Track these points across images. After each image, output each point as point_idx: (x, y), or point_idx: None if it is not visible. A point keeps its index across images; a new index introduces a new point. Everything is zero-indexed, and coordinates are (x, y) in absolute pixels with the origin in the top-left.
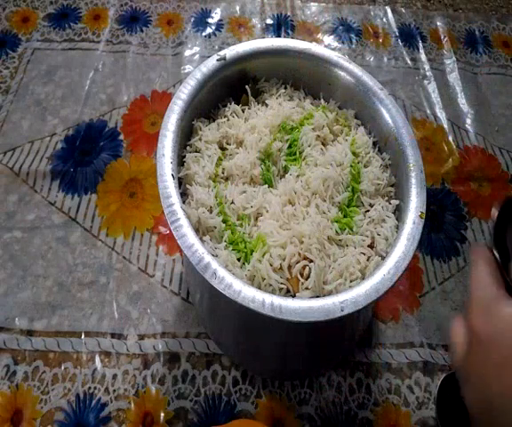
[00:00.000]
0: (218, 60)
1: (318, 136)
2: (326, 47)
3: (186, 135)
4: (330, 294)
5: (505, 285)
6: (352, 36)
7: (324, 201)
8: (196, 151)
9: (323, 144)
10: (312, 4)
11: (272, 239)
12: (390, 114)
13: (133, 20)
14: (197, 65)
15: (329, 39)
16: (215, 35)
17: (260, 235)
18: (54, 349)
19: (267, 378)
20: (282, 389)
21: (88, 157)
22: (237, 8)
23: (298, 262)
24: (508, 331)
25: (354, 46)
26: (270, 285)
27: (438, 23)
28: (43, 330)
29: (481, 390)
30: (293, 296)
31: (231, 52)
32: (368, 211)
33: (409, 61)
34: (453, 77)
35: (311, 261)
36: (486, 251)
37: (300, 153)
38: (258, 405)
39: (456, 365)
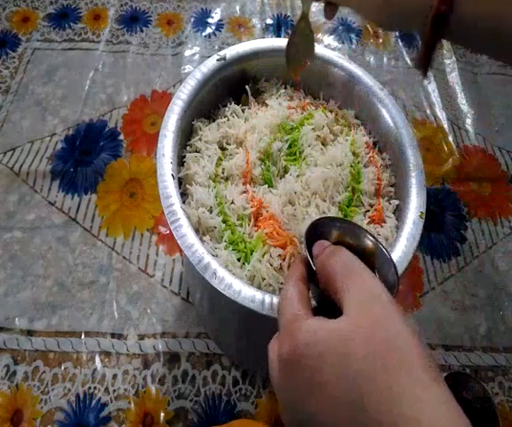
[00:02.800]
0: (218, 60)
1: (318, 136)
2: (326, 47)
3: (186, 135)
4: None
5: (320, 295)
6: (352, 36)
7: (324, 201)
8: (196, 151)
9: (323, 144)
10: (312, 4)
11: (272, 239)
12: (390, 114)
13: (133, 20)
14: (197, 65)
15: (329, 39)
16: (215, 35)
17: (260, 235)
18: (54, 349)
19: (267, 378)
20: None
21: (88, 157)
22: (237, 8)
23: None
24: (309, 350)
25: (354, 46)
26: (270, 285)
27: None
28: (43, 330)
29: (293, 414)
30: None
31: (231, 52)
32: (368, 211)
33: (409, 61)
34: (453, 77)
35: None
36: (299, 264)
37: (300, 153)
38: (258, 405)
39: (274, 388)
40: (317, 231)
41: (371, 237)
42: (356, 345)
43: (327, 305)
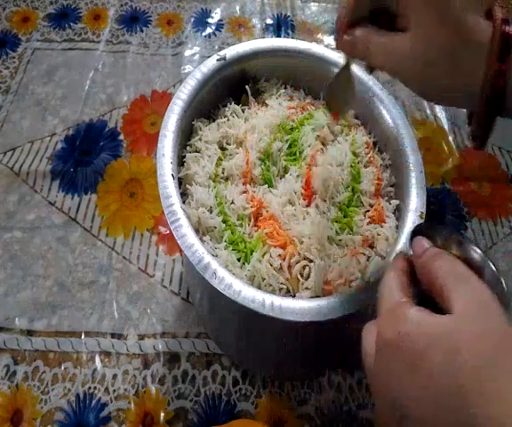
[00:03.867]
0: (218, 60)
1: (318, 136)
2: (326, 47)
3: (186, 135)
4: (330, 294)
5: (418, 293)
6: None
7: (324, 201)
8: (196, 151)
9: (323, 144)
10: (312, 4)
11: (272, 239)
12: (390, 114)
13: (133, 20)
14: (197, 65)
15: (329, 39)
16: (215, 35)
17: (260, 235)
18: (54, 349)
19: (267, 378)
20: (282, 389)
21: (88, 157)
22: (237, 8)
23: (298, 262)
24: (412, 339)
25: None
26: (270, 285)
27: None
28: (43, 330)
29: (387, 399)
30: (293, 296)
31: (231, 52)
32: (368, 211)
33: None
34: None
35: (311, 261)
36: (402, 259)
37: (300, 153)
38: (258, 405)
39: (367, 373)
40: (422, 235)
41: (478, 251)
42: (464, 343)
43: (426, 305)
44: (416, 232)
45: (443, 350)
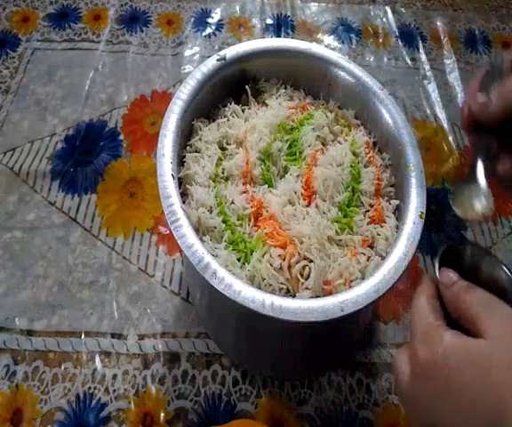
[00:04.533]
0: (218, 60)
1: (318, 136)
2: (326, 47)
3: (186, 135)
4: (330, 294)
5: (446, 316)
6: (352, 36)
7: (324, 201)
8: (196, 151)
9: (323, 144)
10: (312, 4)
11: (272, 239)
12: (390, 114)
13: (133, 20)
14: (197, 65)
15: (329, 39)
16: (215, 35)
17: (259, 235)
18: (54, 349)
19: (267, 378)
20: (282, 389)
21: (88, 157)
22: (237, 8)
23: (298, 262)
24: (448, 357)
25: (354, 46)
26: (270, 285)
27: (438, 23)
28: (43, 330)
29: (424, 417)
30: (293, 296)
31: (231, 52)
32: (368, 211)
33: (409, 61)
34: (453, 77)
35: (311, 261)
36: (430, 284)
37: (300, 153)
38: (258, 405)
39: (400, 394)
40: (449, 255)
41: (506, 270)
42: (498, 360)
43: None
44: (444, 253)
45: (475, 369)
